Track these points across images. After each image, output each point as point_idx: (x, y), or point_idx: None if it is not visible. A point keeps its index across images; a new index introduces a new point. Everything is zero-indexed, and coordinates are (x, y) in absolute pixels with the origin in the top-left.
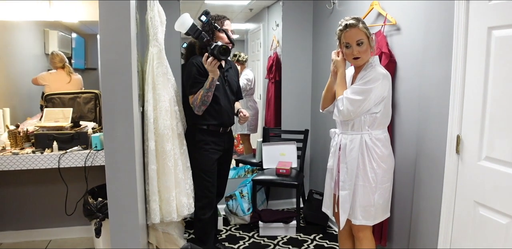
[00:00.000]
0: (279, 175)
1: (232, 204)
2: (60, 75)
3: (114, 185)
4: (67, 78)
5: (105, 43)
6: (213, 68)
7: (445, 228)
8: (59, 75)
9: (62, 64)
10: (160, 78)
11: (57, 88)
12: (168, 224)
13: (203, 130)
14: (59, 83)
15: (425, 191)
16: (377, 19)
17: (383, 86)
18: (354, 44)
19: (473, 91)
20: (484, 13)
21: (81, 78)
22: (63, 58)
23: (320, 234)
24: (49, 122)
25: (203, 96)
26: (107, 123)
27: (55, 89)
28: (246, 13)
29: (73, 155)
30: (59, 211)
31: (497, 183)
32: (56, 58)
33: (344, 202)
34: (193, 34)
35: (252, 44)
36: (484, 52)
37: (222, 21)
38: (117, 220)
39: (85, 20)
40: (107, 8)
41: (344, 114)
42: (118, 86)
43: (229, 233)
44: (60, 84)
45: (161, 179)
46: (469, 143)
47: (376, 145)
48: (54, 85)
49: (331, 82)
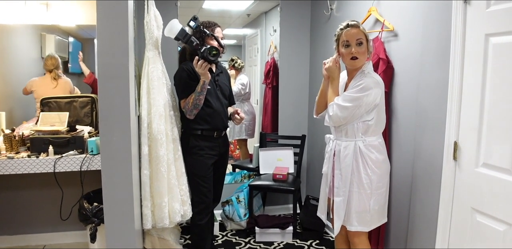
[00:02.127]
0: (275, 181)
1: (228, 210)
2: (46, 80)
3: (110, 190)
4: (52, 84)
5: (103, 47)
6: (204, 71)
7: (443, 234)
8: (46, 80)
9: (52, 68)
10: (155, 82)
11: (43, 93)
12: (164, 230)
13: (197, 136)
14: (44, 88)
15: (422, 197)
16: (375, 25)
17: (375, 94)
18: (354, 43)
19: (471, 98)
20: (481, 20)
21: (69, 81)
22: (54, 63)
23: (316, 240)
24: (45, 126)
25: (195, 100)
26: (103, 127)
27: (41, 94)
28: (244, 19)
29: (69, 160)
30: (54, 216)
31: (495, 190)
32: (48, 61)
33: (338, 208)
34: (183, 39)
35: (250, 49)
36: (481, 59)
37: (213, 28)
38: (113, 225)
39: (82, 24)
40: (105, 12)
41: (334, 120)
42: (115, 90)
43: (225, 238)
44: (46, 89)
45: (153, 184)
46: (467, 149)
47: (370, 151)
48: (40, 90)
49: (324, 87)
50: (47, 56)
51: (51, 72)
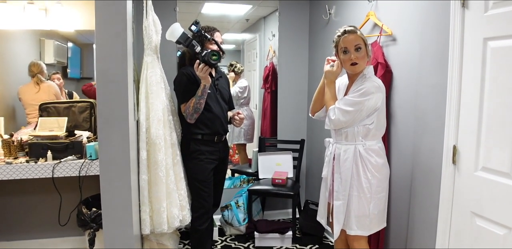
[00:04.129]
0: (275, 185)
1: (227, 215)
2: (30, 85)
3: (109, 195)
4: (35, 88)
5: (101, 52)
6: (205, 75)
7: (442, 238)
8: (29, 86)
9: (35, 73)
10: (154, 87)
11: (28, 99)
12: (162, 235)
13: (197, 140)
14: (28, 93)
15: (421, 202)
16: (373, 29)
17: (376, 99)
18: (352, 49)
19: (469, 102)
20: (479, 24)
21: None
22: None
23: (316, 245)
24: (43, 131)
25: (196, 104)
26: (102, 132)
27: (26, 100)
28: (243, 23)
29: (68, 165)
30: (52, 222)
31: (494, 194)
32: (32, 67)
33: (338, 212)
34: (184, 43)
35: (248, 54)
36: (479, 63)
37: (212, 33)
38: (111, 230)
39: (81, 29)
40: (103, 17)
41: (335, 124)
42: (114, 95)
43: (224, 243)
44: (29, 95)
45: (152, 189)
46: (466, 153)
47: (370, 155)
48: (24, 96)
49: (322, 85)
50: (30, 63)
51: (34, 77)
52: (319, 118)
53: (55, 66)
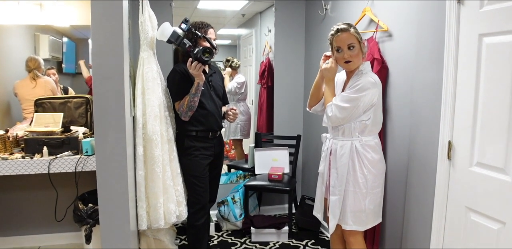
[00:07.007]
0: (271, 181)
1: (224, 210)
2: (26, 81)
3: (105, 190)
4: (32, 84)
5: (97, 48)
6: (198, 72)
7: (437, 233)
8: (26, 81)
9: (31, 69)
10: (150, 83)
11: (24, 94)
12: (159, 230)
13: (192, 137)
14: (25, 89)
15: (417, 197)
16: (369, 25)
17: (372, 94)
18: (345, 48)
19: (464, 97)
20: (475, 20)
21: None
22: (35, 63)
23: (312, 240)
24: (39, 127)
25: (190, 101)
26: (98, 128)
27: (22, 95)
28: (239, 19)
29: (64, 160)
30: (48, 217)
31: (488, 189)
32: (29, 62)
33: (334, 207)
34: (175, 42)
35: (244, 49)
36: (475, 59)
37: (205, 29)
38: (108, 226)
39: (76, 24)
40: (99, 12)
41: (333, 121)
42: (110, 91)
43: (220, 239)
44: (26, 90)
45: (148, 185)
46: (461, 149)
47: (366, 150)
48: (21, 91)
49: (319, 79)
50: (28, 58)
51: (31, 72)
52: (316, 112)
53: (50, 61)
